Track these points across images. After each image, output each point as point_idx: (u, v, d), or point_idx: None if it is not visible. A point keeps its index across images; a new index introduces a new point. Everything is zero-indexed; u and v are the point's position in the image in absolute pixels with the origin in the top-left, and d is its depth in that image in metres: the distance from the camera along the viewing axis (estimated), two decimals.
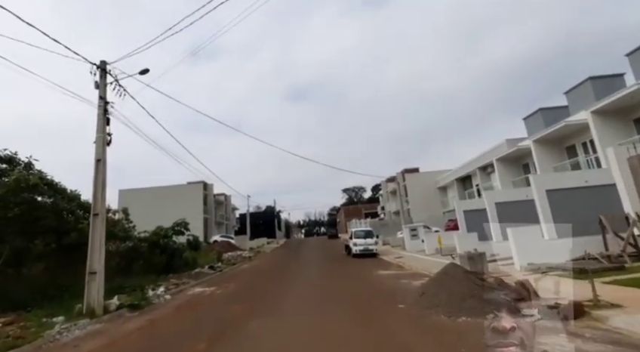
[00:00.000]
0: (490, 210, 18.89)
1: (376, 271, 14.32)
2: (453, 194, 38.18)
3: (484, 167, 29.92)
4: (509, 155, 24.28)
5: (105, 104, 9.49)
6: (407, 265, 15.74)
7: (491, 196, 19.47)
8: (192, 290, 12.54)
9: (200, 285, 13.90)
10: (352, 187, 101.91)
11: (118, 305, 9.10)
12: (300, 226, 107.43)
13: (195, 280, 14.85)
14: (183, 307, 9.16)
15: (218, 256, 24.74)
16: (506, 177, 24.82)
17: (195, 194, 37.66)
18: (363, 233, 23.08)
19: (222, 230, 46.33)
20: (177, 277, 15.48)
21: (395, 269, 14.88)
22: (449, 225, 27.47)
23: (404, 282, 10.87)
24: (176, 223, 18.12)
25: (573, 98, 19.64)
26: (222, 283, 13.67)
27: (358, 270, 15.39)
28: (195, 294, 11.53)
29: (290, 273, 16.13)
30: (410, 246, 23.28)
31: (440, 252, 17.94)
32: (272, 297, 9.70)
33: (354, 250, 21.93)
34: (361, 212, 70.96)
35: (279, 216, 76.82)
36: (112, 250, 15.18)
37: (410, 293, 8.52)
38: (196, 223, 36.53)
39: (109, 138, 9.50)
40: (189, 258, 19.98)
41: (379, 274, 13.34)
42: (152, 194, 36.13)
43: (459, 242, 15.04)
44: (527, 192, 19.89)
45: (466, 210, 23.37)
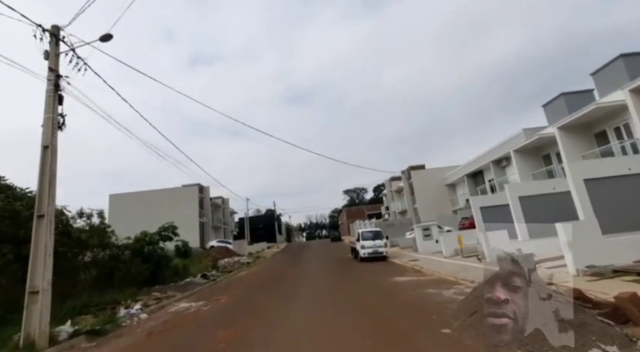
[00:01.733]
0: (514, 205, 16.92)
1: (392, 278, 12.29)
2: (464, 191, 36.14)
3: (498, 160, 27.94)
4: (528, 146, 22.32)
5: (56, 78, 7.54)
6: (426, 269, 13.73)
7: (514, 189, 17.48)
8: (175, 306, 10.51)
9: (186, 298, 11.87)
10: (354, 188, 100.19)
11: (72, 332, 7.08)
12: (301, 230, 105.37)
13: (182, 293, 12.82)
14: (156, 333, 7.15)
15: (213, 263, 22.70)
16: (525, 169, 22.84)
17: (191, 197, 35.65)
18: (371, 234, 21.06)
19: (219, 234, 44.26)
20: (162, 290, 13.45)
21: (414, 274, 12.85)
22: (463, 223, 25.44)
23: (431, 292, 8.85)
24: (163, 227, 16.12)
25: (602, 79, 17.68)
26: (212, 296, 11.64)
27: (371, 277, 13.36)
28: (178, 311, 9.50)
29: (291, 281, 14.10)
30: (424, 247, 21.24)
31: (461, 254, 15.92)
32: (269, 316, 7.68)
33: (362, 253, 19.91)
34: (363, 213, 68.93)
35: (280, 219, 74.71)
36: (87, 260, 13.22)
37: (449, 309, 6.52)
38: (192, 228, 34.54)
39: (61, 120, 7.53)
40: (179, 267, 17.96)
41: (397, 282, 11.31)
42: (145, 198, 34.12)
43: (485, 241, 13.02)
44: (553, 185, 18.02)
45: (483, 206, 21.39)
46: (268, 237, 58.14)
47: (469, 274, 10.69)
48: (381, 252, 19.77)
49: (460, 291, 8.56)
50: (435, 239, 21.56)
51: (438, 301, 7.51)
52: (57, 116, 7.32)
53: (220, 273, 19.60)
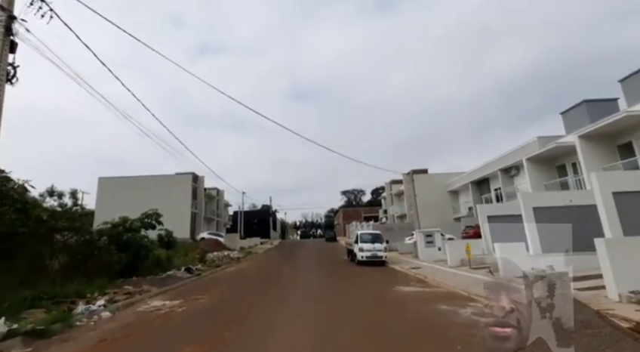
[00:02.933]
0: (527, 216, 15.61)
1: (395, 286, 10.98)
2: (467, 199, 34.88)
3: (507, 168, 26.67)
4: (543, 155, 21.04)
5: (9, 19, 6.15)
6: (431, 279, 12.42)
7: (528, 199, 16.18)
8: (146, 303, 9.16)
9: (162, 295, 10.52)
10: (352, 190, 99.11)
11: (6, 333, 5.73)
12: (296, 228, 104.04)
13: (160, 288, 11.47)
14: (109, 340, 5.80)
15: (201, 256, 21.34)
16: (538, 179, 21.57)
17: (184, 186, 34.20)
18: (371, 236, 19.75)
19: (212, 227, 42.85)
20: (138, 282, 12.09)
21: (418, 284, 11.53)
22: (467, 232, 24.14)
23: (445, 309, 7.53)
24: (146, 214, 14.73)
25: (632, 87, 16.43)
26: (192, 294, 10.29)
27: (372, 284, 12.05)
28: (147, 311, 8.15)
29: (282, 282, 12.77)
30: (425, 255, 19.96)
31: (468, 264, 14.62)
32: (251, 328, 6.35)
33: (359, 256, 18.59)
34: (360, 215, 67.73)
35: (275, 215, 73.36)
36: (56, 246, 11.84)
37: (475, 336, 5.21)
38: (183, 218, 33.18)
39: (12, 71, 6.16)
40: (162, 258, 16.59)
41: (401, 293, 9.99)
42: (136, 184, 32.65)
43: (501, 253, 11.72)
44: (570, 197, 16.78)
45: (491, 215, 20.13)
46: (262, 233, 56.80)
47: (483, 289, 9.41)
48: (380, 257, 18.47)
49: (478, 310, 7.26)
50: (438, 246, 20.31)
51: (456, 323, 6.20)
52: (6, 66, 5.94)
53: (206, 268, 18.25)
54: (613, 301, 7.22)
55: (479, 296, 8.84)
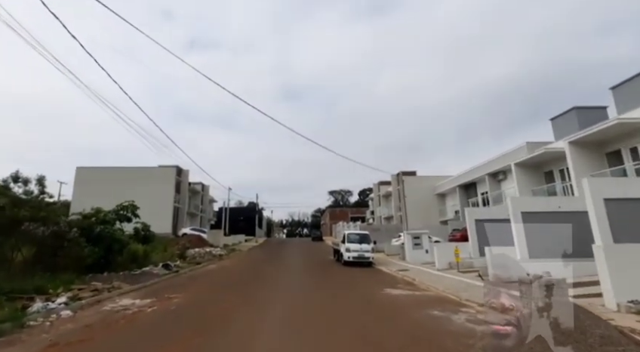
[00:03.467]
0: (516, 220, 15.47)
1: (383, 289, 10.51)
2: (454, 202, 34.96)
3: (495, 173, 26.74)
4: (531, 160, 21.04)
5: None
6: (419, 282, 12.03)
7: (517, 203, 16.01)
8: (114, 302, 8.40)
9: (134, 293, 9.76)
10: (339, 190, 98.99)
11: None
12: (282, 226, 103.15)
13: (132, 285, 10.68)
14: (61, 345, 5.08)
15: (181, 252, 20.45)
16: (525, 184, 21.56)
17: (167, 179, 32.98)
18: (358, 236, 19.30)
19: (195, 222, 41.66)
20: (109, 278, 11.25)
21: (407, 287, 11.10)
22: (454, 235, 24.00)
23: (437, 314, 7.08)
24: (121, 205, 13.84)
25: (624, 95, 16.49)
26: (166, 293, 9.57)
27: (359, 285, 11.56)
28: (113, 311, 7.41)
29: (265, 282, 12.14)
30: (412, 257, 19.64)
31: (457, 268, 14.32)
32: (226, 335, 5.73)
33: (346, 256, 18.12)
34: (347, 215, 67.47)
35: (261, 213, 72.34)
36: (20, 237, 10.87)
37: (473, 348, 4.74)
38: (164, 212, 32.07)
39: None
40: (139, 253, 15.68)
41: (390, 296, 9.52)
42: (116, 175, 31.26)
43: (492, 257, 11.42)
44: (559, 203, 16.73)
45: (479, 219, 19.98)
46: (247, 230, 55.78)
47: (474, 294, 9.04)
48: (367, 258, 18.04)
49: (472, 317, 6.84)
50: (426, 248, 20.03)
51: (451, 332, 5.74)
52: None
53: (186, 264, 17.42)
54: (611, 310, 6.92)
55: (470, 301, 8.48)
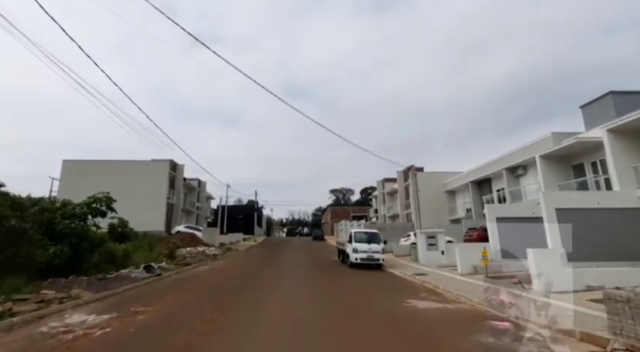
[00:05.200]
0: (549, 218, 13.51)
1: (404, 300, 8.51)
2: (465, 200, 32.93)
3: (513, 168, 24.68)
4: (559, 152, 18.95)
5: None
6: (444, 290, 10.03)
7: (551, 199, 14.07)
8: (61, 319, 6.43)
9: (95, 304, 7.80)
10: (341, 188, 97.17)
11: None
12: (282, 225, 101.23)
13: (96, 293, 8.71)
14: None
15: (170, 251, 18.50)
16: (551, 179, 19.46)
17: (160, 174, 30.98)
18: (366, 235, 17.30)
19: (191, 220, 39.70)
20: (69, 284, 9.29)
21: (432, 297, 9.09)
22: (470, 235, 21.99)
23: (492, 344, 5.07)
24: (94, 197, 11.87)
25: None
26: (135, 304, 7.61)
27: (373, 294, 9.56)
28: (48, 335, 5.45)
29: (261, 290, 10.15)
30: (426, 258, 17.64)
31: (485, 272, 12.31)
32: None
33: (353, 258, 16.12)
34: (349, 214, 65.54)
35: (260, 211, 70.44)
36: None
37: None
38: (157, 209, 30.14)
39: None
40: (118, 253, 13.75)
41: (415, 309, 7.52)
42: (105, 169, 29.26)
43: (535, 260, 9.40)
44: (597, 198, 14.77)
45: (501, 217, 17.99)
46: (246, 228, 53.93)
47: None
48: (377, 259, 16.04)
49: (544, 348, 4.84)
50: (442, 249, 18.04)
51: None
52: None
53: (173, 266, 15.47)
54: None
55: (524, 319, 6.47)
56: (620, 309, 4.46)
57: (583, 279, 9.14)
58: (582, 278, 9.16)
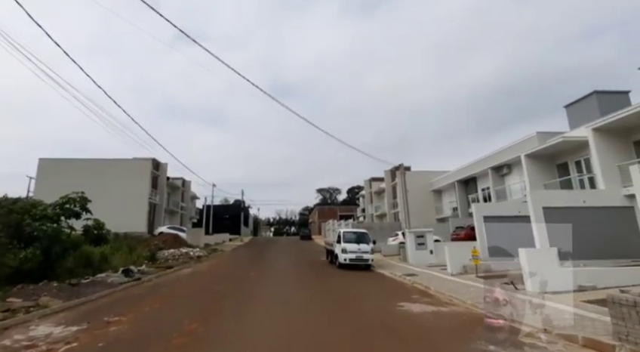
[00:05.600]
0: (537, 217, 13.56)
1: (397, 303, 8.23)
2: (451, 199, 33.18)
3: (498, 167, 24.92)
4: (544, 151, 19.15)
5: None
6: (435, 291, 9.82)
7: (538, 198, 14.13)
8: (26, 330, 5.83)
9: (63, 314, 7.19)
10: (327, 188, 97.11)
11: None
12: (269, 224, 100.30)
13: (68, 300, 8.07)
14: None
15: (151, 254, 17.74)
16: (536, 178, 19.66)
17: (142, 173, 29.88)
18: (355, 235, 17.00)
19: (175, 220, 38.62)
20: (38, 291, 8.59)
21: (424, 299, 8.85)
22: (458, 234, 22.03)
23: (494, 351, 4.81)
24: (67, 197, 11.12)
25: None
26: (108, 312, 7.04)
27: (364, 297, 9.26)
28: (11, 348, 4.86)
29: (246, 294, 9.69)
30: (415, 258, 17.49)
31: (475, 272, 12.19)
32: None
33: (342, 258, 15.81)
34: (336, 213, 65.39)
35: (247, 211, 69.45)
36: None
37: None
38: (138, 209, 29.12)
39: None
40: (95, 256, 12.98)
41: (409, 313, 7.24)
42: (84, 168, 27.98)
43: (528, 260, 9.28)
44: (583, 197, 14.94)
45: (488, 216, 18.05)
46: (232, 229, 52.93)
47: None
48: (366, 260, 15.78)
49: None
50: (430, 249, 17.95)
51: None
52: None
53: (154, 269, 14.78)
54: None
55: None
56: (626, 313, 4.25)
57: (575, 279, 9.06)
58: (574, 278, 9.09)
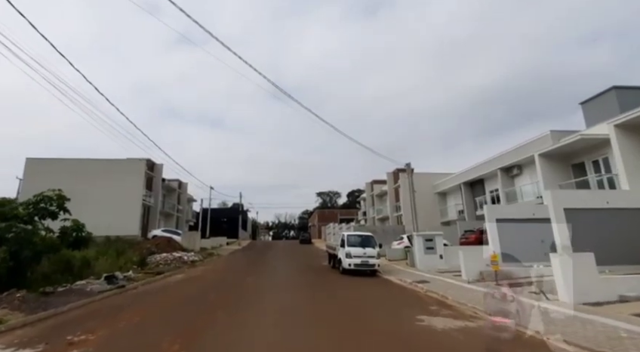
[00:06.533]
0: (557, 218, 12.45)
1: (414, 316, 7.10)
2: (457, 201, 32.10)
3: (508, 168, 23.87)
4: (559, 150, 18.11)
5: None
6: (454, 302, 8.69)
7: (559, 198, 13.02)
8: None
9: (21, 331, 6.05)
10: (327, 191, 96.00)
11: None
12: (268, 228, 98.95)
13: (31, 313, 6.92)
14: None
15: (141, 258, 16.55)
16: (551, 179, 18.60)
17: (135, 174, 28.68)
18: (360, 239, 15.88)
19: (170, 223, 37.36)
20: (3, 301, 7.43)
21: (444, 312, 7.71)
22: (467, 238, 20.91)
23: None
24: (42, 196, 9.98)
25: None
26: (76, 329, 5.92)
27: (375, 308, 8.13)
28: None
29: (241, 305, 8.54)
30: (424, 263, 16.35)
31: (494, 279, 11.06)
32: None
33: (346, 263, 14.67)
34: (336, 217, 64.26)
35: (246, 214, 68.11)
36: None
37: None
38: (131, 211, 27.90)
39: None
40: (75, 261, 11.81)
41: (432, 331, 6.10)
42: (74, 168, 26.80)
43: (562, 266, 8.16)
44: (606, 197, 13.88)
45: (501, 219, 16.91)
46: (230, 232, 51.66)
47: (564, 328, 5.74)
48: (372, 265, 14.65)
49: None
50: (440, 253, 16.81)
51: None
52: None
53: (142, 275, 13.60)
54: None
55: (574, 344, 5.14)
56: None
57: (614, 288, 7.97)
58: (613, 287, 8.00)
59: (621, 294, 7.81)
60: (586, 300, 7.54)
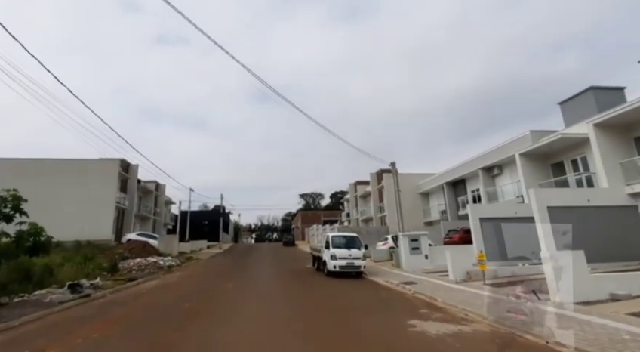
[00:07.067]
0: (542, 217, 12.48)
1: (404, 320, 6.69)
2: (439, 201, 32.28)
3: (489, 167, 24.11)
4: (539, 150, 18.34)
5: None
6: (443, 304, 8.35)
7: (542, 197, 13.04)
8: None
9: None
10: (310, 193, 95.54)
11: None
12: (250, 231, 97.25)
13: None
14: None
15: (112, 264, 15.44)
16: (531, 178, 18.79)
17: (108, 175, 27.13)
18: (345, 240, 15.44)
19: (147, 226, 35.76)
20: None
21: (434, 315, 7.34)
22: (451, 237, 20.90)
23: None
24: None
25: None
26: (20, 350, 5.09)
27: (363, 314, 7.62)
28: None
29: (219, 315, 7.87)
30: (410, 264, 16.09)
31: (482, 279, 10.84)
32: None
33: (331, 265, 14.19)
34: (320, 218, 63.74)
35: (227, 216, 66.54)
36: None
37: None
38: (104, 215, 26.38)
39: None
40: (37, 268, 10.74)
41: (425, 336, 5.68)
42: (41, 169, 25.03)
43: (553, 266, 7.96)
44: (588, 195, 14.11)
45: (484, 218, 16.92)
46: (212, 235, 50.19)
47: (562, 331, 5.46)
48: (358, 266, 14.23)
49: None
50: (425, 253, 16.61)
51: None
52: None
53: (112, 282, 12.60)
54: None
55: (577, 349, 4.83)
56: None
57: (604, 286, 7.84)
58: (603, 285, 7.87)
59: (612, 292, 7.68)
60: (577, 299, 7.36)
